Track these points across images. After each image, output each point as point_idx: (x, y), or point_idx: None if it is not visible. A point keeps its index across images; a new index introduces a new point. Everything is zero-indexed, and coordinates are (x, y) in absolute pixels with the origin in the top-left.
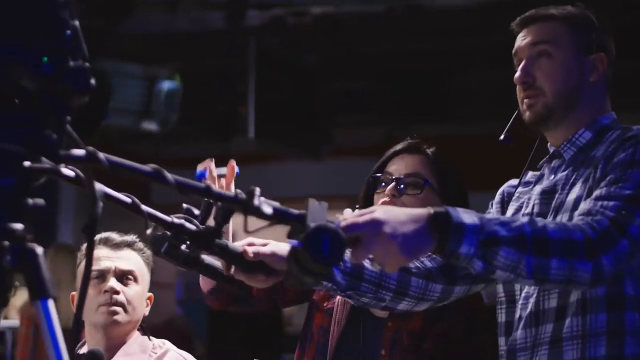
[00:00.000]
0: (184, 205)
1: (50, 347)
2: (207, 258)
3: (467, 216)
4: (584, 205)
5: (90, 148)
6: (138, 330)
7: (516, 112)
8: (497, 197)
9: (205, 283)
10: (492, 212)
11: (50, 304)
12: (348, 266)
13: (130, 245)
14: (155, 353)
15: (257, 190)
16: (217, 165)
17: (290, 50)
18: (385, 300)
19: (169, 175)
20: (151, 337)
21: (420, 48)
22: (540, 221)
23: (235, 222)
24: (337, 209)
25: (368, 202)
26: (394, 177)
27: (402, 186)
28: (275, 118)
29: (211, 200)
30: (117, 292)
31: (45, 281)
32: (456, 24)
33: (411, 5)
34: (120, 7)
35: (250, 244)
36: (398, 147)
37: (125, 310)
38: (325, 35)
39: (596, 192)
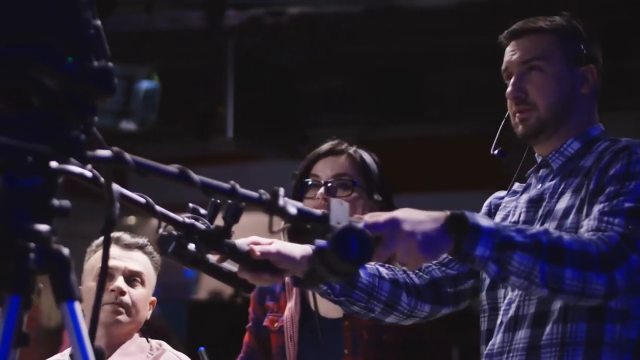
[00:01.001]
0: (190, 204)
1: (77, 349)
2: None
3: (484, 220)
4: (589, 222)
5: (116, 148)
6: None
7: (502, 123)
8: (484, 208)
9: None
10: None
11: (77, 306)
12: None
13: (141, 247)
14: (152, 354)
15: (282, 191)
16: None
17: (269, 50)
18: (375, 312)
19: (195, 176)
20: (149, 339)
21: (398, 48)
22: (555, 232)
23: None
24: None
25: None
26: (322, 180)
27: (332, 189)
28: (254, 118)
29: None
30: (123, 293)
31: (72, 283)
32: (434, 24)
33: (389, 5)
34: (100, 7)
35: (256, 243)
36: (322, 149)
37: (129, 312)
38: (303, 35)
39: (598, 207)
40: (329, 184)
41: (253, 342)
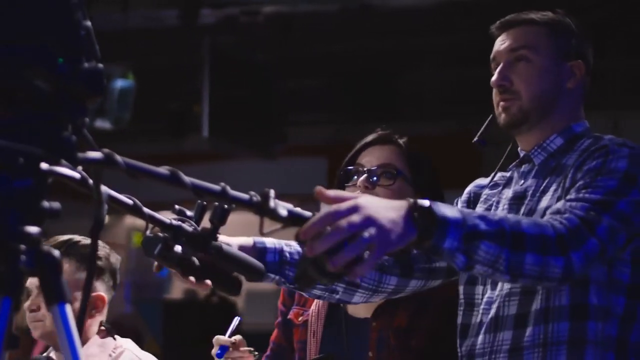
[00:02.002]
0: (176, 206)
1: (67, 352)
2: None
3: (449, 210)
4: (554, 206)
5: (107, 150)
6: (98, 333)
7: (491, 115)
8: (464, 195)
9: None
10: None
11: (68, 308)
12: (296, 258)
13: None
14: (115, 353)
15: (272, 193)
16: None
17: (244, 49)
18: (338, 292)
19: (185, 178)
20: (116, 337)
21: (373, 48)
22: (513, 216)
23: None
24: None
25: None
26: (365, 168)
27: (374, 177)
28: (229, 117)
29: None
30: (33, 310)
31: (63, 285)
32: (409, 24)
33: (364, 5)
34: None
35: None
36: (369, 138)
37: (44, 326)
38: (278, 34)
39: (566, 197)
40: (372, 172)
41: (281, 339)
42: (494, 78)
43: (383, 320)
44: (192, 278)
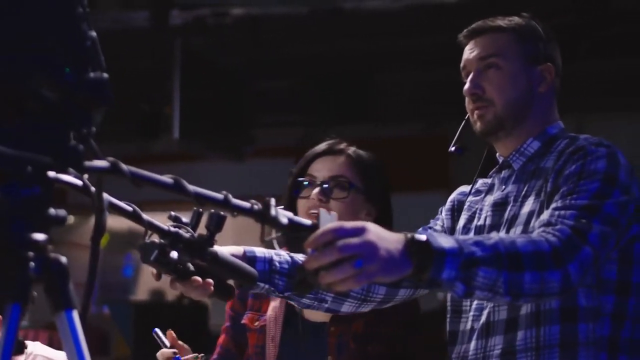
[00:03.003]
0: (172, 213)
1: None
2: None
3: (445, 240)
4: (542, 217)
5: (112, 159)
6: None
7: (463, 122)
8: (448, 204)
9: None
10: (442, 218)
11: (75, 315)
12: (286, 268)
13: None
14: None
15: (273, 201)
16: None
17: (214, 50)
18: (327, 302)
19: (189, 186)
20: (27, 344)
21: (342, 50)
22: (507, 237)
23: None
24: None
25: (292, 206)
26: (318, 180)
27: (327, 189)
28: (200, 118)
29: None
30: None
31: (70, 292)
32: (378, 26)
33: (333, 7)
34: None
35: None
36: (319, 148)
37: None
38: (248, 36)
39: (552, 205)
40: (325, 185)
41: (229, 344)
42: (466, 87)
43: (341, 325)
44: (197, 278)
